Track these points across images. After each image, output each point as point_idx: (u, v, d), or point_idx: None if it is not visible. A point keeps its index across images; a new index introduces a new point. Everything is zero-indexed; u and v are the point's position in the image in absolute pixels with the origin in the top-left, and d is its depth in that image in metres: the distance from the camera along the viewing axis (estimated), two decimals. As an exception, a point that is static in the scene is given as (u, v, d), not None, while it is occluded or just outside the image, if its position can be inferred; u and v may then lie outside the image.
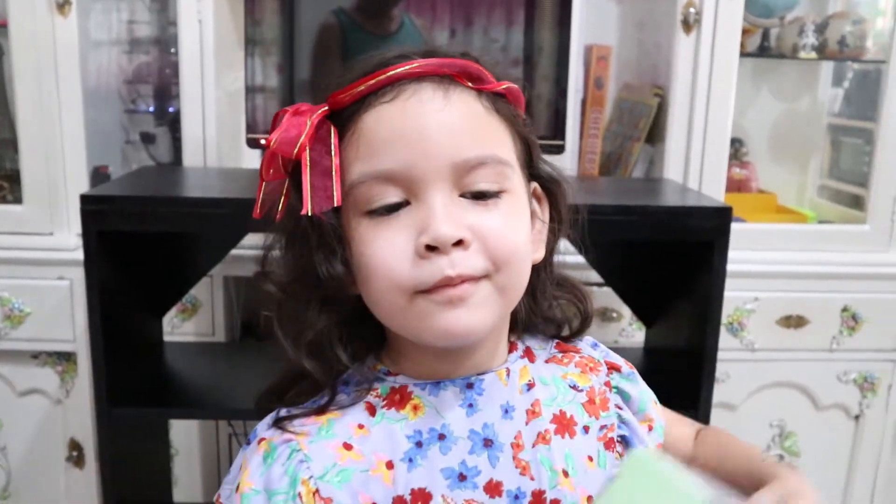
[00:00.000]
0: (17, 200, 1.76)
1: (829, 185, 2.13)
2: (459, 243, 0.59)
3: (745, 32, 1.83)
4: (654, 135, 1.87)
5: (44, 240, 1.73)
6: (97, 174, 1.84)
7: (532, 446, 0.66)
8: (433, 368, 0.66)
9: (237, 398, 1.53)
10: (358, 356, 0.67)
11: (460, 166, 0.60)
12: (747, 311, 1.78)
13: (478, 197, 0.61)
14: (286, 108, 0.63)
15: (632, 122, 1.91)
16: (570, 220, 0.71)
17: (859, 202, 1.93)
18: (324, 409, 0.65)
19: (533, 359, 0.71)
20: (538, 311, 0.72)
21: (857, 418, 1.88)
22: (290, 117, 0.62)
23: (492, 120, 0.64)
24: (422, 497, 0.62)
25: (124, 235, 1.42)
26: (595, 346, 0.76)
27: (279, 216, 0.65)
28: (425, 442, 0.64)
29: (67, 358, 1.76)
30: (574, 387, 0.70)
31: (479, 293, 0.60)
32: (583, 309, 0.75)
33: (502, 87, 0.65)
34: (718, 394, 1.78)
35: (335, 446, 0.63)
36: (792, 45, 1.87)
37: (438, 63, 0.62)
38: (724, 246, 1.40)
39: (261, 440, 0.65)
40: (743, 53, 1.81)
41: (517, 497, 0.64)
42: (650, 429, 0.73)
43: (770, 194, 2.03)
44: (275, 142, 0.61)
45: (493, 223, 0.61)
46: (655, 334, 1.70)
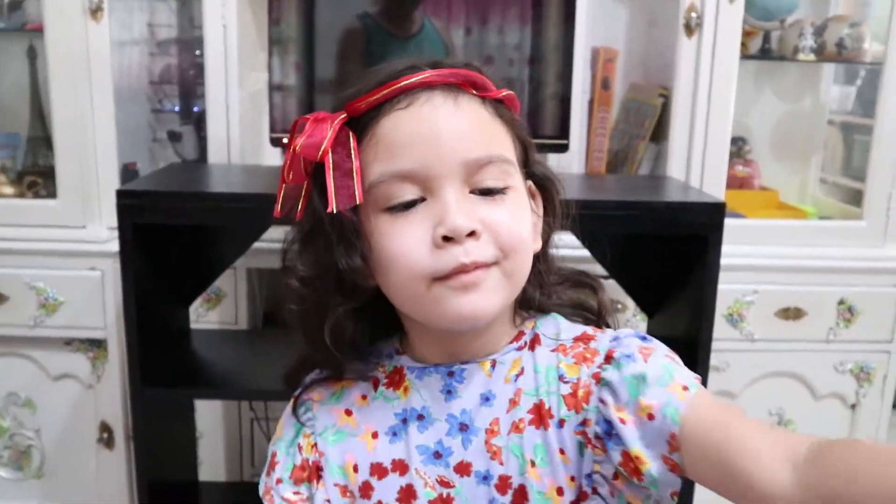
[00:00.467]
0: (52, 195, 1.83)
1: (829, 182, 2.17)
2: (472, 234, 0.65)
3: (746, 35, 1.88)
4: (659, 134, 1.92)
5: (77, 232, 1.81)
6: (126, 171, 1.92)
7: (507, 434, 0.69)
8: (436, 352, 0.74)
9: (259, 381, 1.62)
10: (373, 340, 0.77)
11: (470, 165, 0.67)
12: (747, 303, 1.84)
13: (486, 193, 0.67)
14: (306, 116, 0.70)
15: (638, 122, 1.97)
16: (563, 213, 0.77)
17: (859, 199, 1.96)
18: (339, 378, 0.77)
19: (535, 347, 0.73)
20: (552, 297, 0.77)
21: (853, 407, 1.92)
22: (312, 124, 0.69)
23: (495, 123, 0.71)
24: (399, 467, 0.71)
25: (154, 229, 1.50)
26: (616, 339, 0.70)
27: (299, 215, 0.72)
28: (409, 419, 0.72)
29: (98, 344, 1.84)
30: (561, 377, 0.70)
31: (490, 279, 0.67)
32: (595, 286, 0.78)
33: (502, 95, 0.73)
34: (719, 382, 1.85)
35: (339, 410, 0.75)
36: (792, 47, 1.92)
37: (448, 73, 0.69)
38: (718, 240, 1.45)
39: (293, 398, 0.78)
40: (745, 55, 1.86)
41: (485, 478, 0.69)
42: (650, 417, 0.64)
43: (772, 191, 2.08)
44: (300, 146, 0.68)
45: (500, 216, 0.67)
46: (656, 324, 1.75)
